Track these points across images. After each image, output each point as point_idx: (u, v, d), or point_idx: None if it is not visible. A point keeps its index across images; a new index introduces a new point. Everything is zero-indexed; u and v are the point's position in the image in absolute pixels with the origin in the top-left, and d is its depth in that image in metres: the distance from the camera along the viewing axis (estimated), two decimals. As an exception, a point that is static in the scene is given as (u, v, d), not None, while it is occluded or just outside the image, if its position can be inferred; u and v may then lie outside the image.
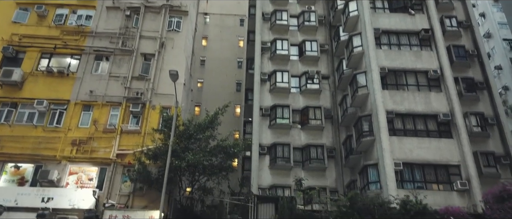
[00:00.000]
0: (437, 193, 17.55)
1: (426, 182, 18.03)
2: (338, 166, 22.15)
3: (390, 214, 14.82)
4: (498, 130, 20.32)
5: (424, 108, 19.82)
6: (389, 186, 17.25)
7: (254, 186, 20.52)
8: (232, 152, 17.02)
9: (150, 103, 18.96)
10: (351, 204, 15.30)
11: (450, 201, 16.89)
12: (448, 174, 18.14)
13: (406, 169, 18.19)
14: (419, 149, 18.67)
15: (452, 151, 18.64)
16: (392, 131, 19.19)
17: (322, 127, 22.80)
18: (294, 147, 22.27)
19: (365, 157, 20.02)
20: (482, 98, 21.17)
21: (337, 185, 21.55)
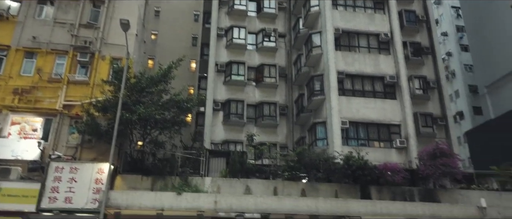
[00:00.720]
0: (378, 150, 18.80)
1: (369, 139, 19.22)
2: (289, 123, 22.87)
3: (334, 168, 15.78)
4: (438, 93, 21.75)
5: (373, 70, 20.67)
6: (335, 142, 18.20)
7: (206, 141, 20.81)
8: (185, 107, 16.95)
9: (99, 54, 18.16)
10: (299, 159, 16.07)
11: (389, 158, 18.22)
12: (389, 133, 19.41)
13: (352, 127, 19.21)
14: (365, 108, 19.66)
15: (395, 111, 19.83)
16: (341, 91, 19.95)
17: (276, 85, 23.18)
18: (248, 103, 22.59)
19: (315, 115, 20.79)
20: (427, 63, 22.37)
21: (287, 141, 22.37)
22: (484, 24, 28.37)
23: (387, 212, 13.51)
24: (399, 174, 15.51)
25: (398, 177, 15.41)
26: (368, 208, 13.50)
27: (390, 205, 13.81)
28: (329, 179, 15.71)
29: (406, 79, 20.56)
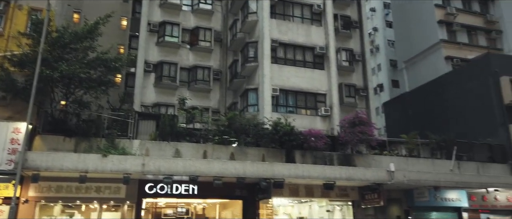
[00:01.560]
0: (304, 117, 19.84)
1: (297, 107, 20.16)
2: (222, 88, 23.03)
3: (263, 133, 16.43)
4: (362, 66, 23.20)
5: (305, 40, 21.36)
6: (265, 109, 18.83)
7: (136, 103, 20.26)
8: (113, 66, 16.20)
9: (15, 2, 16.44)
10: (230, 124, 16.44)
11: (314, 125, 19.36)
12: (316, 101, 20.51)
13: (282, 95, 19.94)
14: (295, 77, 20.43)
15: (322, 81, 20.89)
16: (274, 59, 20.44)
17: (211, 49, 22.97)
18: (182, 66, 22.20)
19: (248, 81, 21.16)
20: (354, 36, 23.60)
21: (220, 106, 22.60)
22: (406, 3, 30.45)
23: (308, 174, 14.53)
24: (322, 140, 16.64)
25: (321, 142, 16.53)
26: (292, 171, 14.40)
27: (312, 168, 14.84)
28: (258, 143, 16.35)
29: (335, 51, 21.61)
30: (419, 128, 20.97)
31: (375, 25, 38.31)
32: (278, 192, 14.88)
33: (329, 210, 17.45)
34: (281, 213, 17.92)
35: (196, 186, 14.65)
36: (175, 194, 14.77)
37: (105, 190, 14.13)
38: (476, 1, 29.16)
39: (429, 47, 27.95)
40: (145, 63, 21.45)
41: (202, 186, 14.43)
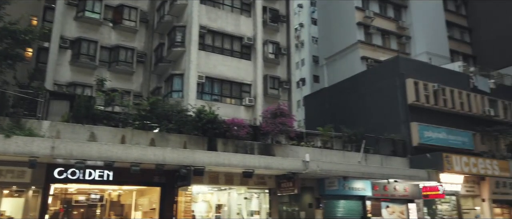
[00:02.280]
0: (229, 106, 20.08)
1: (222, 95, 20.31)
2: (146, 72, 22.26)
3: (186, 120, 16.28)
4: (287, 60, 24.11)
5: (234, 29, 21.51)
6: (190, 95, 18.66)
7: (49, 81, 18.74)
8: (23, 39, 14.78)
9: None
10: (152, 109, 15.98)
11: (238, 114, 19.71)
12: (241, 91, 20.87)
13: (208, 82, 19.92)
14: (222, 65, 20.53)
15: (248, 71, 21.28)
16: (202, 46, 20.28)
17: (136, 29, 22.02)
18: (102, 45, 21.00)
19: (174, 66, 20.73)
20: (281, 30, 24.35)
21: (143, 90, 21.86)
22: (330, 3, 32.12)
23: (228, 162, 14.78)
24: (244, 129, 17.00)
25: (243, 131, 16.88)
26: (212, 158, 14.52)
27: (232, 156, 15.12)
28: (180, 130, 16.15)
29: (262, 42, 22.10)
30: (334, 121, 22.48)
31: (302, 21, 39.80)
32: (198, 179, 14.92)
33: (247, 198, 18.00)
34: (200, 200, 18.04)
35: (111, 172, 14.05)
36: (88, 180, 14.00)
37: (7, 174, 12.91)
38: (391, 7, 31.77)
39: (348, 47, 29.90)
40: (61, 38, 19.87)
41: (119, 172, 13.90)
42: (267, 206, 17.59)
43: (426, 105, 22.77)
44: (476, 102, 24.67)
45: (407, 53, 30.85)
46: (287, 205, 20.01)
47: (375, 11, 30.57)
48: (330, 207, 18.97)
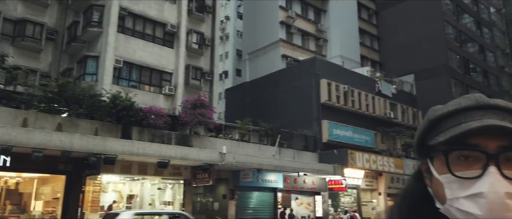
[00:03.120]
0: (147, 93, 19.47)
1: (140, 82, 19.61)
2: (56, 51, 20.54)
3: (99, 106, 15.45)
4: (211, 51, 24.06)
5: (156, 14, 20.82)
6: (105, 80, 17.70)
7: None
8: None
9: None
10: (61, 91, 14.88)
11: (157, 102, 19.21)
12: (161, 79, 20.36)
13: (126, 67, 19.07)
14: (142, 51, 19.79)
15: (169, 59, 20.82)
16: (121, 28, 19.31)
17: (47, 3, 20.19)
18: (6, 17, 18.88)
19: (88, 47, 19.44)
20: (207, 21, 24.19)
21: (51, 70, 20.15)
22: (256, 0, 32.79)
23: (143, 152, 14.41)
24: (162, 118, 16.69)
25: (161, 121, 16.57)
26: (126, 147, 14.02)
27: (148, 146, 14.77)
28: (92, 116, 15.30)
29: (186, 31, 21.76)
30: (253, 115, 23.11)
31: (228, 14, 39.95)
32: (108, 168, 14.29)
33: (161, 188, 17.75)
34: (110, 190, 17.32)
35: (9, 157, 12.79)
36: (-21, 166, 12.60)
37: None
38: (312, 10, 33.46)
39: (270, 44, 30.85)
40: (-48, 3, 17.37)
41: (18, 158, 12.70)
42: (181, 197, 17.53)
43: (337, 105, 24.55)
44: (380, 105, 27.27)
45: (324, 55, 32.80)
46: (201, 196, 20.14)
47: (297, 12, 31.93)
48: (243, 198, 19.55)
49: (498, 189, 0.68)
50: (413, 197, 0.83)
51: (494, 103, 0.77)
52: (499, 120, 0.73)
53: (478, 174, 0.70)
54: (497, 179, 0.69)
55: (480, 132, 0.71)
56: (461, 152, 0.73)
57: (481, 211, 0.68)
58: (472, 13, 40.24)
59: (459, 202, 0.70)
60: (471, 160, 0.72)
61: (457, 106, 0.77)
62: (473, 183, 0.70)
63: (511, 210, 0.68)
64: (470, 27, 39.37)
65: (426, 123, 0.81)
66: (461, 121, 0.74)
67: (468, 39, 38.44)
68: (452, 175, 0.72)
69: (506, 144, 0.71)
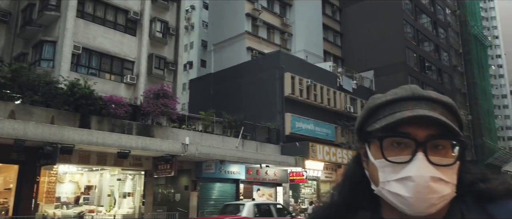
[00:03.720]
0: (108, 82, 18.90)
1: (101, 70, 18.99)
2: (9, 34, 19.43)
3: (56, 93, 14.84)
4: (175, 41, 23.64)
5: (119, 1, 20.16)
6: (62, 66, 16.99)
7: None
8: None
9: None
10: (14, 77, 14.16)
11: (118, 91, 18.71)
12: (122, 67, 19.82)
13: (85, 54, 18.39)
14: (103, 38, 19.14)
15: (132, 47, 20.28)
16: (80, 13, 18.56)
17: (-2, -18, 18.95)
18: (-49, -5, 17.54)
19: (45, 31, 18.53)
20: (171, 10, 23.69)
21: (4, 55, 19.09)
22: (223, -10, 32.53)
23: (102, 142, 14.03)
24: (123, 108, 16.29)
25: (121, 110, 16.16)
26: (84, 137, 13.60)
27: (107, 136, 14.38)
28: (48, 104, 14.67)
29: (149, 19, 21.25)
30: (217, 107, 23.07)
31: (193, 3, 39.34)
32: (65, 158, 13.82)
33: (120, 179, 17.38)
34: (67, 180, 16.75)
35: (-45, 146, 12.08)
36: None
37: None
38: (277, 4, 33.68)
39: (236, 36, 30.78)
40: None
41: (-35, 147, 12.02)
42: (141, 188, 17.27)
43: (300, 99, 25.01)
44: (340, 99, 28.06)
45: (288, 49, 33.18)
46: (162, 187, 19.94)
47: (263, 5, 32.03)
48: (205, 190, 19.56)
49: (424, 173, 0.74)
50: (353, 178, 0.90)
51: (427, 95, 0.83)
52: (429, 110, 0.79)
53: (407, 159, 0.76)
54: (424, 164, 0.75)
55: (411, 121, 0.78)
56: (394, 138, 0.79)
57: (409, 193, 0.75)
58: (429, 13, 42.12)
59: (390, 184, 0.77)
60: (403, 146, 0.78)
61: (394, 96, 0.84)
62: (403, 167, 0.77)
63: (435, 192, 0.74)
64: (427, 27, 41.23)
65: (366, 111, 0.88)
66: (396, 110, 0.81)
67: (425, 38, 40.27)
68: (385, 159, 0.78)
69: (434, 132, 0.78)
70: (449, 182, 0.76)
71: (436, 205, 0.75)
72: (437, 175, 0.75)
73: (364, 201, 0.87)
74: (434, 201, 0.74)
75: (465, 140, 0.81)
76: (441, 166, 0.76)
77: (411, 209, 0.75)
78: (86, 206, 16.67)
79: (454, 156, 0.78)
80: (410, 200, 0.75)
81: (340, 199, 0.91)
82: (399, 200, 0.76)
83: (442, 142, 0.78)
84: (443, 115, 0.79)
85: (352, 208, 0.88)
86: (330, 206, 0.92)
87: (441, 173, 0.76)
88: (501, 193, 0.79)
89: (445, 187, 0.75)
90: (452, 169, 0.77)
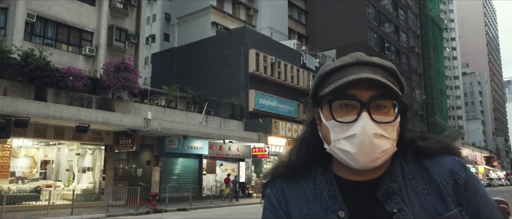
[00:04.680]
0: (65, 53, 18.07)
1: (57, 41, 18.07)
2: (-47, -3, 17.90)
3: (8, 63, 14.06)
4: (137, 12, 22.78)
5: (76, -32, 19.09)
6: (15, 35, 16.01)
7: None
8: None
9: None
10: (-40, 45, 13.24)
11: (76, 63, 17.94)
12: (81, 38, 18.97)
13: (40, 23, 17.39)
14: (59, 6, 18.12)
15: (91, 18, 19.39)
16: (36, -21, 17.40)
17: None
18: None
19: (-6, -3, 17.27)
20: (132, -20, 22.76)
21: None
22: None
23: (60, 115, 13.56)
24: (81, 81, 15.75)
25: (80, 83, 15.62)
26: (40, 109, 13.07)
27: (65, 109, 13.90)
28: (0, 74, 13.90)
29: (109, -11, 20.32)
30: (180, 82, 22.81)
31: (155, -28, 37.93)
32: (20, 131, 13.28)
33: (80, 154, 16.97)
34: (22, 155, 16.12)
35: None
36: None
37: None
38: (244, -21, 33.22)
39: (201, 10, 30.18)
40: None
41: None
42: (102, 163, 16.98)
43: (264, 76, 25.20)
44: (303, 77, 28.54)
45: (253, 25, 33.04)
46: (124, 162, 19.72)
47: (230, -21, 31.51)
48: (168, 165, 19.55)
49: (368, 130, 0.82)
50: (308, 140, 1.00)
51: (371, 60, 0.90)
52: (372, 73, 0.86)
53: (353, 119, 0.84)
54: (368, 123, 0.83)
55: (356, 84, 0.85)
56: (342, 101, 0.87)
57: (355, 149, 0.83)
58: (391, -5, 43.29)
59: (339, 142, 0.86)
60: (350, 108, 0.86)
61: (341, 63, 0.92)
62: (350, 126, 0.84)
63: (377, 147, 0.83)
64: (388, 9, 42.37)
65: (318, 77, 0.98)
66: (343, 75, 0.88)
67: (386, 19, 41.44)
68: (334, 120, 0.87)
69: (377, 93, 0.85)
70: (389, 138, 0.85)
71: (378, 159, 0.85)
72: (379, 132, 0.83)
73: (318, 160, 0.97)
74: (376, 155, 0.84)
75: (405, 100, 0.91)
76: (382, 124, 0.84)
77: (357, 164, 0.85)
78: (43, 181, 16.20)
79: (394, 114, 0.87)
80: (356, 155, 0.84)
81: (297, 159, 1.00)
82: (347, 156, 0.86)
83: (383, 102, 0.87)
84: (384, 77, 0.88)
85: (308, 166, 0.99)
86: (288, 165, 1.01)
87: (383, 130, 0.84)
88: (436, 151, 0.92)
89: (386, 142, 0.85)
90: (393, 126, 0.87)
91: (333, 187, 0.93)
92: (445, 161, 0.91)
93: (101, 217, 13.17)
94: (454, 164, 0.91)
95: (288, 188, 0.98)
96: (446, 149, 0.94)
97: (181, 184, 19.13)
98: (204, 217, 13.54)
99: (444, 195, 0.87)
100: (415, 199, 0.87)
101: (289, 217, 0.94)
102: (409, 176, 0.91)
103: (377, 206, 0.88)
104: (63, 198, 15.13)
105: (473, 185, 0.89)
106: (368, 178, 0.91)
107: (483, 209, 0.87)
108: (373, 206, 0.88)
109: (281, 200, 0.97)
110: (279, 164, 1.05)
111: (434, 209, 0.86)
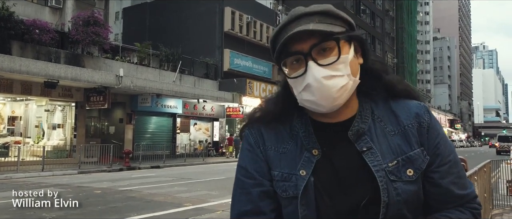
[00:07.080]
0: (30, 4, 17.05)
1: (20, -10, 16.98)
2: None
3: (-33, 13, 13.20)
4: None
5: None
6: (-28, -17, 14.90)
7: None
8: None
9: None
10: None
11: (42, 16, 17.02)
12: (46, -11, 17.91)
13: (0, -29, 16.19)
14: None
15: (56, -33, 18.22)
16: None
17: None
18: None
19: None
20: None
21: None
22: None
23: (26, 70, 13.02)
24: (48, 34, 15.06)
25: (47, 37, 14.95)
26: (5, 63, 12.49)
27: (32, 63, 13.34)
28: (-43, 25, 13.07)
29: None
30: (153, 39, 22.18)
31: None
32: (-16, 86, 12.72)
33: (49, 110, 16.53)
34: (-13, 110, 15.55)
35: None
36: None
37: None
38: None
39: (175, -36, 28.84)
40: None
41: None
42: (73, 120, 16.65)
43: (239, 35, 24.86)
44: (279, 38, 28.33)
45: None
46: (95, 120, 19.42)
47: None
48: (141, 123, 19.41)
49: (317, 76, 0.87)
50: (284, 92, 1.02)
51: (304, 11, 0.92)
52: (306, 24, 0.89)
53: (303, 71, 0.89)
54: (315, 69, 0.87)
55: (296, 38, 0.88)
56: (291, 58, 0.91)
57: (314, 96, 0.89)
58: (369, -44, 42.78)
59: (301, 94, 0.91)
60: (300, 62, 0.90)
61: (282, 24, 0.96)
62: (303, 78, 0.89)
63: (331, 87, 0.87)
64: (365, -30, 42.03)
65: (270, 44, 1.00)
66: (283, 35, 0.91)
67: (363, -19, 41.19)
68: (289, 78, 0.92)
69: (316, 41, 0.88)
70: (343, 75, 0.89)
71: (338, 97, 0.90)
72: (328, 74, 0.87)
73: (294, 109, 1.01)
74: (334, 94, 0.89)
75: (356, 34, 0.96)
76: (330, 65, 0.88)
77: (322, 108, 0.91)
78: (12, 137, 15.79)
79: (338, 53, 0.89)
80: (317, 101, 0.89)
81: (275, 107, 1.04)
82: (311, 104, 0.91)
83: (326, 44, 0.89)
84: (320, 22, 0.90)
85: (284, 113, 1.02)
86: (266, 110, 1.04)
87: (332, 70, 0.88)
88: (400, 92, 1.00)
89: (340, 80, 0.89)
90: (343, 63, 0.90)
91: (308, 128, 0.99)
92: (411, 105, 0.99)
93: (74, 173, 13.11)
94: (420, 109, 0.98)
95: (266, 129, 1.03)
96: (410, 92, 1.01)
97: (155, 142, 19.11)
98: (178, 173, 13.72)
99: (409, 136, 0.94)
100: (383, 139, 0.94)
101: (265, 155, 1.00)
102: (379, 119, 0.98)
103: (348, 145, 0.94)
104: (33, 154, 14.86)
105: (435, 128, 0.97)
106: (340, 120, 0.97)
107: (442, 149, 0.96)
108: (344, 145, 0.95)
109: (258, 140, 1.02)
110: (257, 109, 1.09)
111: (399, 148, 0.93)
